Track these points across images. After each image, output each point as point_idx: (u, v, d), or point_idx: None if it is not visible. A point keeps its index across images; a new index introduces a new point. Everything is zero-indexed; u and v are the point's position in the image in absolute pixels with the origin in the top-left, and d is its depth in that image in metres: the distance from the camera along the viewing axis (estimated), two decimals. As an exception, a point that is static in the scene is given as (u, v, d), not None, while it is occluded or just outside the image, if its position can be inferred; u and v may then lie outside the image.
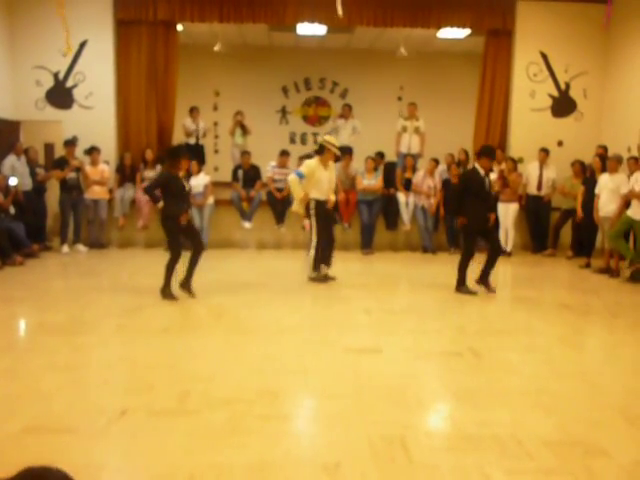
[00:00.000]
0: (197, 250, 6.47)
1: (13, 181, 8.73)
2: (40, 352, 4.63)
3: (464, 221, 6.81)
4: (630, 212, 7.77)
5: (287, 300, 6.54)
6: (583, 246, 9.16)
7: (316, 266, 7.37)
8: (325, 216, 7.39)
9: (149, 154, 10.02)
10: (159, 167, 10.03)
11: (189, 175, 9.24)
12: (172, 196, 6.25)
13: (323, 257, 7.39)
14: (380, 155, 10.56)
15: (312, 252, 7.34)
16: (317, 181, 7.20)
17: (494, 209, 7.25)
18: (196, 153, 10.55)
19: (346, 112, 11.20)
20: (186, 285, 6.45)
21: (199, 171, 9.94)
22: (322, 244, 7.32)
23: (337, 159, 7.88)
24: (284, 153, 10.27)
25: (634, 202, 7.73)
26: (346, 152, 10.23)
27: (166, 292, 6.33)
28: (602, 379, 4.31)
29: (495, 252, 6.93)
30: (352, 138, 10.98)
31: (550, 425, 3.44)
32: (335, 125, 11.26)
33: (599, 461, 3.03)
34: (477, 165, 6.87)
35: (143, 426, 3.35)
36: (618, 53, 10.49)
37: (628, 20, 10.20)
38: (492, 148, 7.25)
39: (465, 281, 6.89)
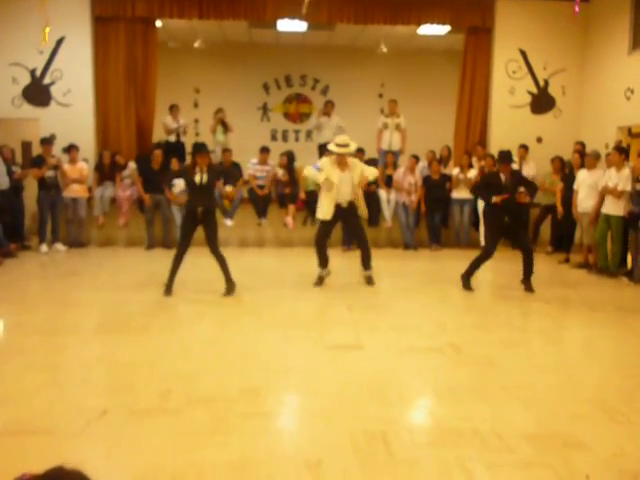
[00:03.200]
0: (212, 250, 6.55)
1: (-10, 180, 8.60)
2: (19, 353, 4.58)
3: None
4: (604, 209, 7.86)
5: (268, 297, 6.53)
6: (562, 241, 9.27)
7: (319, 264, 7.22)
8: (344, 217, 7.20)
9: (119, 159, 9.94)
10: (132, 164, 9.97)
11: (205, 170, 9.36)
12: (190, 191, 6.46)
13: (362, 260, 7.26)
14: (360, 150, 10.56)
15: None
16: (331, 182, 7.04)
17: (513, 211, 6.97)
18: (177, 151, 10.49)
19: (329, 109, 11.19)
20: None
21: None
22: (321, 244, 7.15)
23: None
24: (264, 150, 10.25)
25: (608, 198, 7.82)
26: (327, 150, 10.23)
27: (166, 288, 6.42)
28: (581, 373, 4.37)
29: (526, 254, 6.95)
30: (337, 136, 10.97)
31: (529, 419, 3.48)
32: (318, 122, 11.25)
33: (578, 453, 3.07)
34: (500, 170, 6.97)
35: (124, 426, 3.33)
36: (596, 50, 10.62)
37: (605, 18, 10.33)
38: (504, 153, 7.13)
39: (470, 276, 6.96)
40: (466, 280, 6.96)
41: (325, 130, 11.00)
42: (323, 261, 7.23)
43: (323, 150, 10.92)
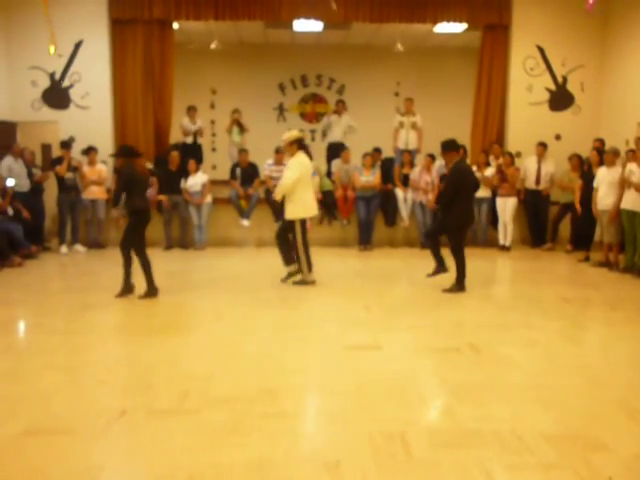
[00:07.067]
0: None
1: (11, 182, 8.72)
2: (39, 353, 4.63)
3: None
4: (626, 204, 7.71)
5: (286, 297, 6.54)
6: (582, 240, 9.15)
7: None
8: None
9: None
10: (148, 165, 10.05)
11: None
12: None
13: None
14: (378, 150, 10.56)
15: None
16: None
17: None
18: (194, 152, 10.55)
19: (339, 108, 11.18)
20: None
21: (197, 170, 9.95)
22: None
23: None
24: (279, 150, 10.25)
25: (628, 194, 7.67)
26: (340, 148, 10.30)
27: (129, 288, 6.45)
28: (601, 373, 4.31)
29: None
30: (347, 135, 10.99)
31: (550, 419, 3.44)
32: (328, 121, 11.25)
33: (599, 455, 3.03)
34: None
35: (143, 426, 3.35)
36: (615, 46, 10.48)
37: (624, 12, 10.18)
38: (447, 140, 7.01)
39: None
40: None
41: (335, 129, 10.99)
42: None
43: (332, 149, 10.94)
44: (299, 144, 6.98)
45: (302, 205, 6.97)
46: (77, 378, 4.14)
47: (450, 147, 6.82)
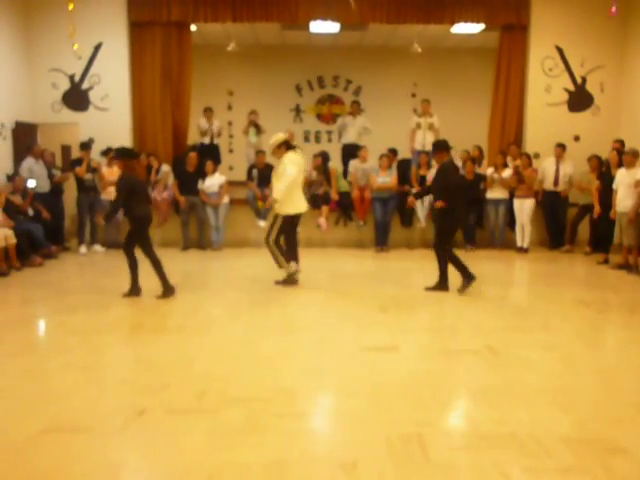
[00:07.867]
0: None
1: (31, 183, 8.84)
2: (59, 352, 4.69)
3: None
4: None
5: (302, 298, 6.55)
6: (601, 242, 9.06)
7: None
8: None
9: (152, 161, 10.11)
10: (165, 167, 10.12)
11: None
12: None
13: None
14: (393, 151, 10.54)
15: None
16: None
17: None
18: (211, 153, 10.62)
19: (354, 109, 11.17)
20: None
21: (214, 171, 10.01)
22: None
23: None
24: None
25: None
26: (355, 149, 10.28)
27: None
28: (620, 376, 4.27)
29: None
30: (362, 137, 10.97)
31: (568, 423, 3.42)
32: (343, 122, 11.26)
33: (618, 459, 3.00)
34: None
35: (161, 425, 3.38)
36: (635, 46, 10.36)
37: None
38: (439, 140, 7.11)
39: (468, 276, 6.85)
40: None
41: (349, 130, 10.98)
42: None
43: (347, 150, 10.94)
44: (287, 146, 7.01)
45: (290, 202, 6.96)
46: (96, 377, 4.18)
47: (441, 147, 6.87)
